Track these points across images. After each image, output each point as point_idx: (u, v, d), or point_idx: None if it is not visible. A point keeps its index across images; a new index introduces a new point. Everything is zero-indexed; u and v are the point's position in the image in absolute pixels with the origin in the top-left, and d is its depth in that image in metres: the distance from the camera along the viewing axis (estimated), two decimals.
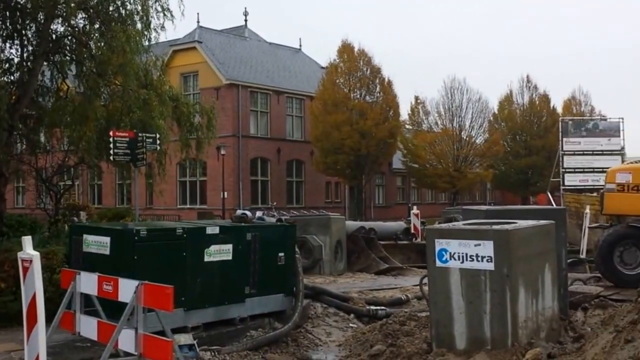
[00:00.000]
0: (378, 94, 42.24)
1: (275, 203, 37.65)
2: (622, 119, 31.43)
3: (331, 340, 9.86)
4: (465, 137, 46.40)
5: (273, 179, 43.17)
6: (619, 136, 30.78)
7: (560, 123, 32.49)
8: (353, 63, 42.06)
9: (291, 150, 44.08)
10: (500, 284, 7.07)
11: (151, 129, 14.62)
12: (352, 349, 9.00)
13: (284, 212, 26.48)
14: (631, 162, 15.73)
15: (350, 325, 10.63)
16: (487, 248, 7.15)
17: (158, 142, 14.33)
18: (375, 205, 48.81)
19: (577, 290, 12.18)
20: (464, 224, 8.10)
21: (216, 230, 9.08)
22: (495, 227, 7.39)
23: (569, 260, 16.40)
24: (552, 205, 27.18)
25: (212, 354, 8.10)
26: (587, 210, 17.28)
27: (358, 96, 41.87)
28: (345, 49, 42.35)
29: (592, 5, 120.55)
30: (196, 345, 7.82)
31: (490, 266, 7.12)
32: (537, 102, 50.74)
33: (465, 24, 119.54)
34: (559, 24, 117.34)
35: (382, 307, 11.08)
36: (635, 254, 12.76)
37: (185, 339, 7.75)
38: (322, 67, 45.86)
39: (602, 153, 30.01)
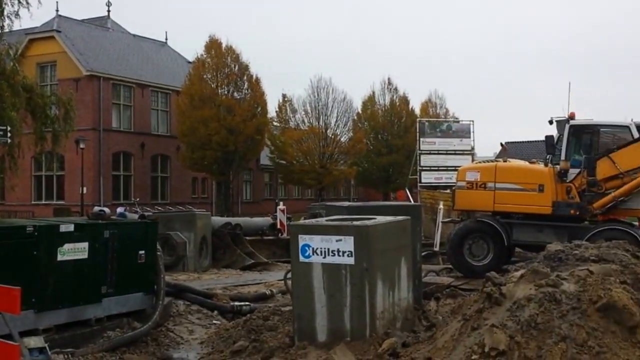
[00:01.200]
0: (246, 91, 42.18)
1: (138, 199, 36.56)
2: (473, 121, 33.51)
3: (193, 338, 9.74)
4: (330, 135, 47.41)
5: (136, 174, 41.88)
6: (470, 137, 32.76)
7: (417, 124, 34.03)
8: (220, 59, 41.70)
9: (156, 145, 42.97)
10: (359, 278, 7.32)
11: (1, 121, 13.71)
12: (215, 346, 8.95)
13: (148, 208, 25.76)
14: (479, 162, 16.81)
15: (214, 322, 10.56)
16: (347, 243, 7.37)
17: (9, 134, 13.47)
18: (242, 201, 48.71)
19: (431, 281, 12.89)
20: (327, 220, 8.30)
21: (70, 228, 8.67)
22: (355, 223, 7.63)
23: (423, 253, 17.30)
24: (411, 201, 28.43)
25: (66, 356, 7.75)
26: (441, 206, 18.25)
27: (226, 92, 41.57)
28: (213, 45, 41.88)
29: (449, 14, 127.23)
30: (47, 348, 7.44)
31: (351, 261, 7.34)
32: (398, 103, 52.83)
33: (335, 24, 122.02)
34: (421, 30, 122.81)
35: (247, 303, 11.10)
36: (482, 247, 13.66)
37: (35, 342, 7.35)
38: (189, 62, 45.07)
39: (454, 153, 31.75)
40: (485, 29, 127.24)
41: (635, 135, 12.93)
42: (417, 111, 53.66)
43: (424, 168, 32.00)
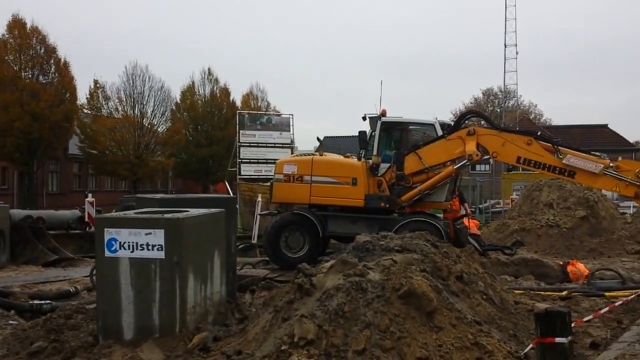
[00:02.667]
0: (53, 75, 39.47)
1: None
2: (292, 115, 34.16)
3: None
4: (147, 125, 45.83)
5: None
6: (290, 131, 33.35)
7: (237, 116, 33.99)
8: (25, 40, 38.62)
9: None
10: (170, 272, 7.09)
11: None
12: (11, 348, 8.18)
13: None
14: (297, 155, 17.13)
15: (10, 322, 9.71)
16: (158, 237, 7.11)
17: None
18: (48, 192, 45.54)
19: (247, 273, 12.89)
20: (136, 213, 7.93)
21: None
22: (166, 215, 7.37)
23: (241, 246, 17.33)
24: (230, 193, 28.33)
25: None
26: (259, 199, 18.36)
27: (30, 76, 38.61)
28: (16, 24, 38.63)
29: (272, 5, 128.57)
30: None
31: (161, 254, 7.10)
32: (218, 95, 52.42)
33: (154, 11, 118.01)
34: (244, 22, 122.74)
35: (47, 301, 10.36)
36: (299, 239, 13.91)
37: None
38: None
39: (274, 146, 32.14)
40: (306, 24, 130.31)
41: (439, 132, 13.86)
42: (238, 103, 53.62)
43: (243, 160, 32.02)
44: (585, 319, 6.04)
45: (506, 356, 6.02)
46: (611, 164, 12.48)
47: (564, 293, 10.85)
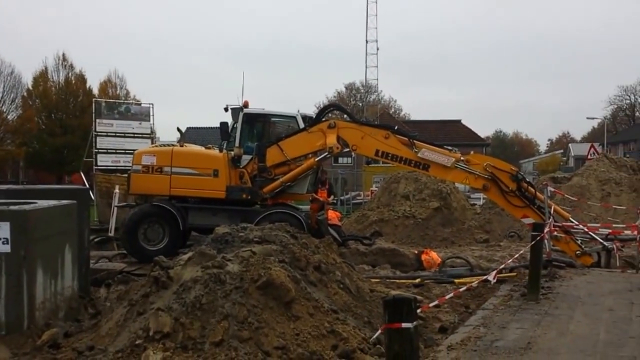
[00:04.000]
0: None
1: None
2: (152, 104, 33.20)
3: None
4: None
5: None
6: (149, 120, 32.41)
7: (94, 104, 32.52)
8: None
9: None
10: (16, 267, 6.75)
11: None
12: None
13: None
14: (156, 146, 16.67)
15: None
16: (3, 230, 6.75)
17: None
18: None
19: (102, 267, 12.38)
20: None
21: None
22: (12, 207, 6.96)
23: (97, 239, 16.61)
24: (86, 185, 27.07)
25: None
26: (117, 190, 17.66)
27: None
28: None
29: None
30: None
31: (7, 248, 6.77)
32: (74, 81, 49.84)
33: None
34: (103, 7, 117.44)
35: None
36: (158, 231, 13.56)
37: None
38: None
39: (133, 136, 31.11)
40: (168, 14, 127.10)
41: (301, 125, 14.01)
42: (96, 91, 51.29)
43: (100, 150, 30.71)
44: (432, 304, 6.34)
45: (361, 342, 6.24)
46: (462, 158, 13.17)
47: (417, 280, 11.37)
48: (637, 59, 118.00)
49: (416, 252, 14.91)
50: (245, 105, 14.17)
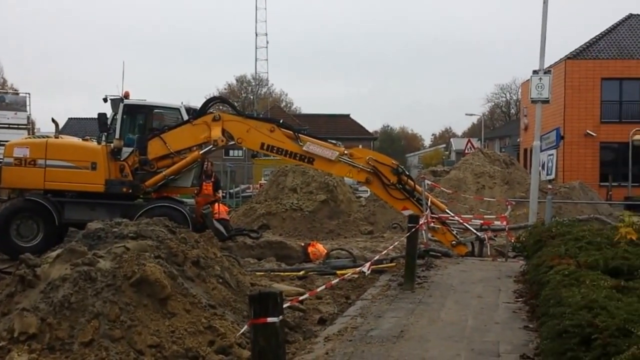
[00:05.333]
0: None
1: None
2: (29, 94, 31.56)
3: None
4: None
5: None
6: (26, 110, 30.74)
7: None
8: None
9: None
10: None
11: None
12: None
13: None
14: (29, 137, 15.87)
15: None
16: None
17: None
18: None
19: None
20: None
21: None
22: None
23: None
24: None
25: None
26: None
27: None
28: None
29: None
30: None
31: None
32: None
33: None
34: None
35: None
36: (32, 226, 12.93)
37: None
38: None
39: (8, 127, 29.43)
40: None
41: (185, 117, 13.77)
42: None
43: None
44: (301, 297, 6.39)
45: (239, 337, 6.22)
46: (346, 152, 13.41)
47: (301, 273, 11.49)
48: (512, 60, 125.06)
49: (303, 244, 15.04)
50: (126, 95, 13.75)
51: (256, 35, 61.12)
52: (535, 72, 15.18)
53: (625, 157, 36.21)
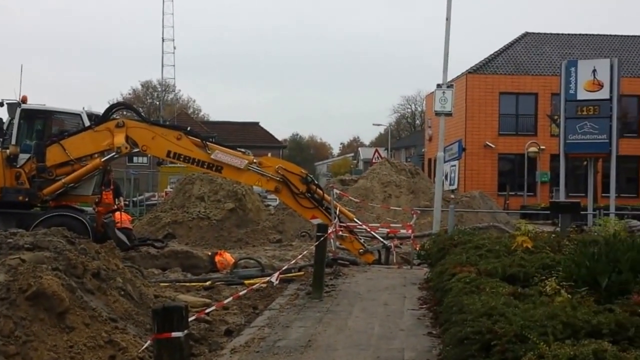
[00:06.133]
0: None
1: None
2: None
3: None
4: None
5: None
6: None
7: None
8: None
9: None
10: None
11: None
12: None
13: None
14: None
15: None
16: None
17: None
18: None
19: None
20: None
21: None
22: None
23: None
24: None
25: None
26: None
27: None
28: None
29: None
30: None
31: None
32: None
33: None
34: None
35: None
36: None
37: None
38: None
39: None
40: None
41: (87, 123, 13.28)
42: None
43: None
44: (208, 310, 6.28)
45: (141, 352, 6.02)
46: (255, 160, 13.32)
47: (207, 283, 11.28)
48: (417, 72, 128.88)
49: (210, 253, 14.82)
50: (24, 100, 13.13)
51: (163, 40, 60.02)
52: (439, 86, 15.68)
53: (521, 167, 38.00)
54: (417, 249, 12.89)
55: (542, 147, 37.43)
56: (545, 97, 37.35)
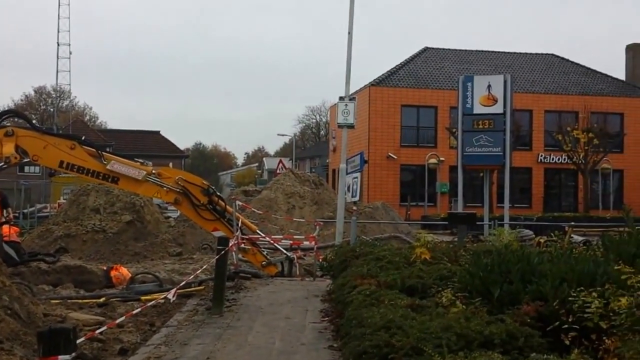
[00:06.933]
0: None
1: None
2: None
3: None
4: None
5: None
6: None
7: None
8: None
9: None
10: None
11: None
12: None
13: None
14: None
15: None
16: None
17: None
18: None
19: None
20: None
21: None
22: None
23: None
24: None
25: None
26: None
27: None
28: None
29: None
30: None
31: None
32: None
33: None
34: None
35: None
36: None
37: None
38: None
39: None
40: None
41: None
42: None
43: None
44: (99, 330, 5.95)
45: None
46: (153, 171, 12.93)
47: (102, 300, 10.82)
48: (322, 83, 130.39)
49: (105, 268, 14.26)
50: None
51: (58, 45, 57.59)
52: (341, 98, 15.84)
53: (422, 178, 39.12)
54: (320, 260, 12.91)
55: (441, 158, 38.69)
56: (445, 110, 38.69)
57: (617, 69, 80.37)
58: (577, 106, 38.22)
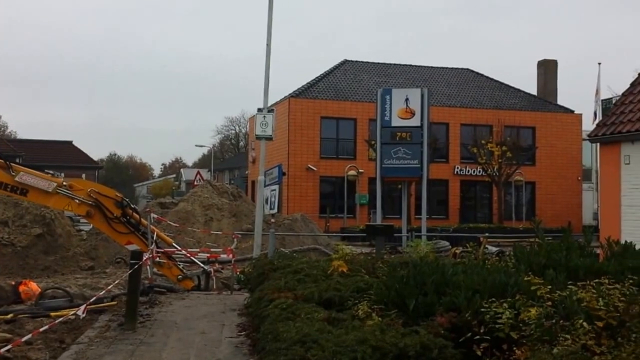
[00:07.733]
0: None
1: None
2: None
3: None
4: None
5: None
6: None
7: None
8: None
9: None
10: None
11: None
12: None
13: None
14: None
15: None
16: None
17: None
18: None
19: None
20: None
21: None
22: None
23: None
24: None
25: None
26: None
27: None
28: None
29: None
30: None
31: None
32: None
33: None
34: None
35: None
36: None
37: None
38: None
39: None
40: None
41: None
42: None
43: None
44: (4, 349, 5.66)
45: None
46: (65, 183, 12.49)
47: (9, 316, 10.31)
48: (241, 94, 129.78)
49: (13, 283, 13.61)
50: None
51: None
52: (259, 110, 15.78)
53: (341, 190, 39.43)
54: (238, 273, 12.75)
55: (360, 170, 39.13)
56: (364, 122, 39.21)
57: (529, 85, 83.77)
58: (492, 120, 39.57)
